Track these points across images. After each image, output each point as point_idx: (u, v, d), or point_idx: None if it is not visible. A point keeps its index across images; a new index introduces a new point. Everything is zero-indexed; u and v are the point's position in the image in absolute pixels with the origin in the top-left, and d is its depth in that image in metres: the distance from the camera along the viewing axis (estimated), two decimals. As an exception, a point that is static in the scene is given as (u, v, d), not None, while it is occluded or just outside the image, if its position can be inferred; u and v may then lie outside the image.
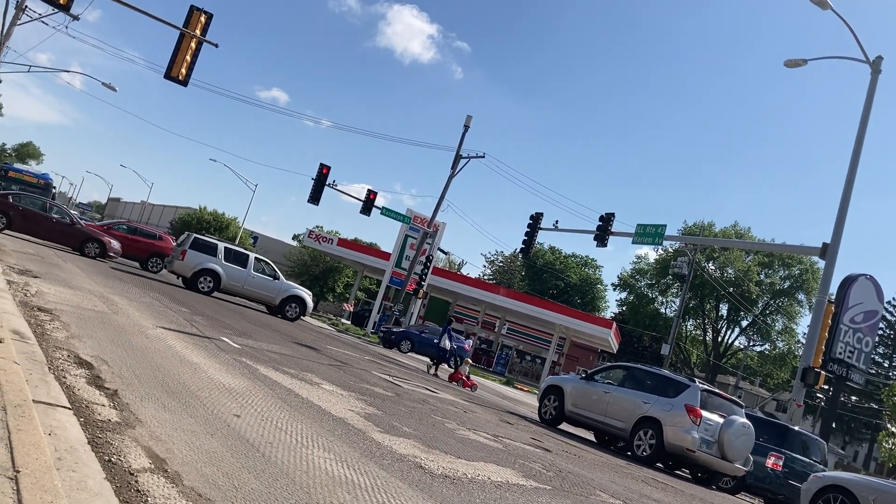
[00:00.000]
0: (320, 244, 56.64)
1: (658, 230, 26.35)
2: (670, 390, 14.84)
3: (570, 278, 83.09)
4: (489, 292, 55.12)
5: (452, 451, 7.85)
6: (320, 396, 9.05)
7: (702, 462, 14.07)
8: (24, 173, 40.47)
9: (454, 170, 41.09)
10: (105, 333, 8.86)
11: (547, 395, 17.32)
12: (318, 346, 18.14)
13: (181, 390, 6.83)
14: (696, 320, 73.88)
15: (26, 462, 3.11)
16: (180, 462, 4.54)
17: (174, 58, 20.35)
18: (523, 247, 31.27)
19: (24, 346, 6.00)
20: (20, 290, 10.45)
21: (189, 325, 13.04)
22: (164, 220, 74.53)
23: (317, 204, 36.00)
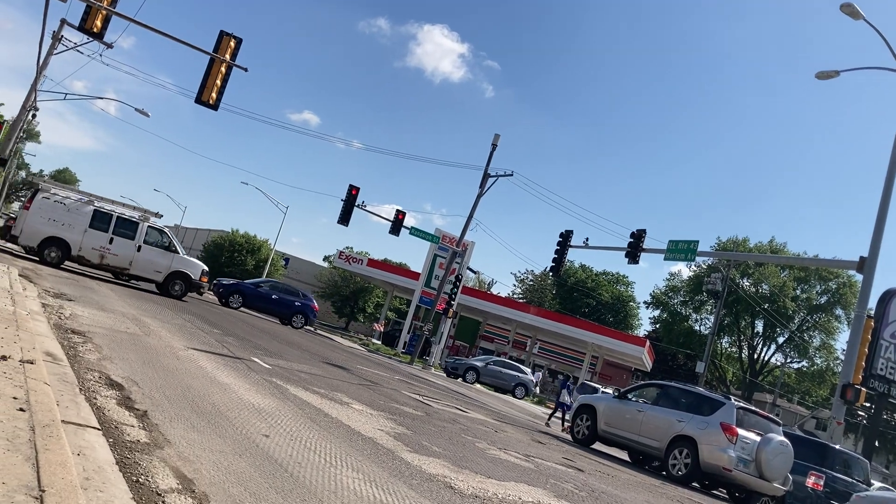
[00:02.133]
0: (350, 265, 56.94)
1: (690, 246, 26.02)
2: (705, 408, 14.58)
3: (602, 296, 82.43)
4: (519, 311, 54.89)
5: (483, 471, 7.76)
6: (350, 416, 9.02)
7: (739, 481, 13.77)
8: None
9: (482, 188, 41.07)
10: (136, 355, 8.93)
11: (579, 414, 17.11)
12: (349, 365, 18.14)
13: (211, 411, 6.84)
14: (731, 337, 72.72)
15: (52, 482, 3.11)
16: (208, 482, 4.52)
17: (205, 82, 20.65)
18: (553, 265, 31.05)
19: (56, 368, 6.06)
20: (54, 312, 10.59)
21: (220, 346, 13.11)
22: (196, 243, 75.46)
23: (346, 225, 36.19)
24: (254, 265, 62.19)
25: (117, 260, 22.21)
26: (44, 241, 21.15)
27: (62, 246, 21.39)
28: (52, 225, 21.14)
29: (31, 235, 21.08)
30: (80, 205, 21.77)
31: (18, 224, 21.38)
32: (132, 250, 22.28)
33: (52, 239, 21.17)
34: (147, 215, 23.14)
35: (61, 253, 21.41)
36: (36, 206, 21.16)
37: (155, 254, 22.79)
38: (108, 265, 22.34)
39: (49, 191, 21.83)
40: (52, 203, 21.32)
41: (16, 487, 2.92)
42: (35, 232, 21.01)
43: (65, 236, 21.33)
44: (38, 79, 33.12)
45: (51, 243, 21.22)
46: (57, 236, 21.23)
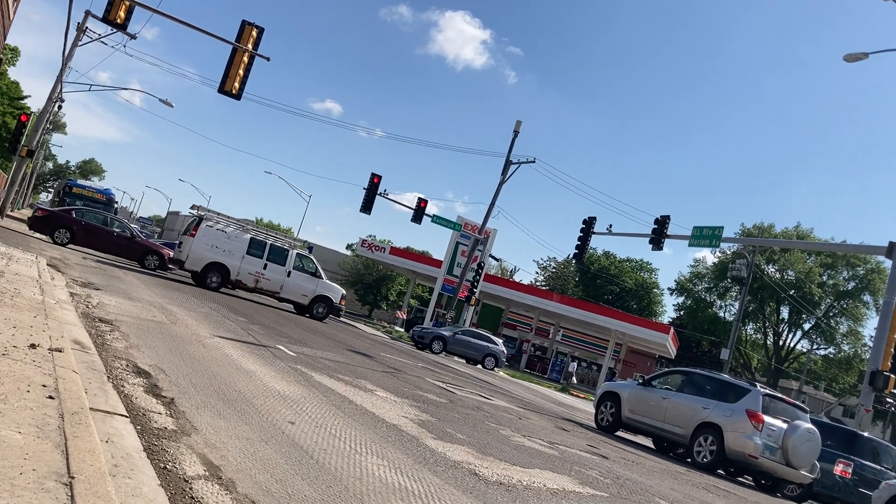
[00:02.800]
0: (373, 253, 57.12)
1: (715, 232, 25.78)
2: (730, 395, 14.47)
3: (626, 283, 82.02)
4: (542, 298, 54.77)
5: (507, 458, 7.76)
6: (374, 403, 9.05)
7: (765, 469, 13.67)
8: (87, 189, 41.75)
9: (504, 176, 40.97)
10: (163, 343, 9.01)
11: (603, 401, 17.05)
12: (372, 353, 18.21)
13: (237, 398, 6.89)
14: (757, 324, 72.13)
15: (81, 468, 3.14)
16: (234, 469, 4.55)
17: (227, 72, 20.73)
18: (576, 252, 30.92)
19: (84, 356, 6.13)
20: (82, 301, 10.72)
21: (246, 333, 13.21)
22: (221, 233, 76.05)
23: (368, 213, 36.26)
24: (277, 254, 62.50)
25: (270, 284, 24.04)
26: (207, 266, 23.02)
27: (222, 271, 23.19)
28: (215, 251, 22.95)
29: (197, 261, 22.84)
30: (238, 232, 23.68)
31: (184, 250, 22.99)
32: (283, 275, 24.19)
33: (214, 264, 23.05)
34: (295, 243, 25.28)
35: (221, 278, 23.14)
36: (201, 233, 22.85)
37: (303, 279, 24.74)
38: (261, 289, 24.13)
39: (212, 219, 23.52)
40: (214, 231, 23.10)
41: (46, 474, 2.96)
42: (200, 257, 22.81)
43: (225, 262, 23.14)
44: (63, 70, 33.43)
45: (213, 268, 23.05)
46: (219, 262, 23.05)
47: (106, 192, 42.24)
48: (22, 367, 4.74)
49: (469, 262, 41.96)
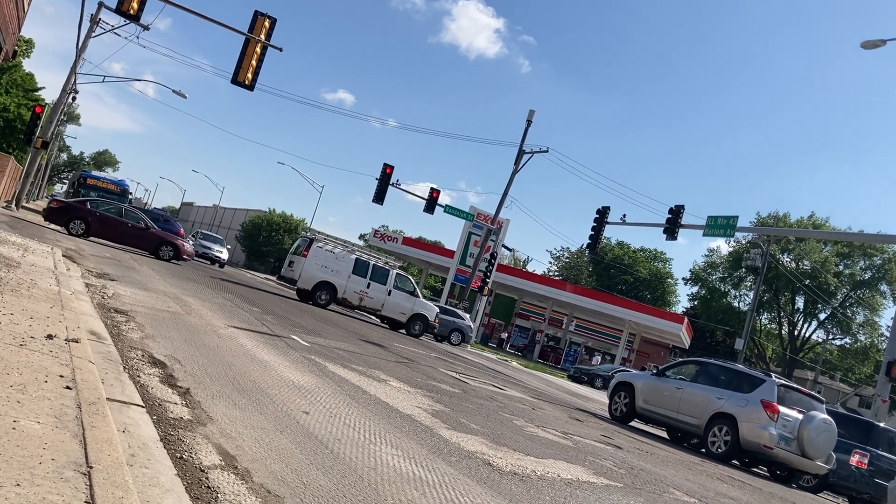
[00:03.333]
0: (385, 243, 57.20)
1: (730, 222, 25.64)
2: (745, 385, 14.42)
3: (640, 273, 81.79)
4: (556, 289, 54.73)
5: (521, 448, 7.76)
6: (388, 393, 9.07)
7: (780, 459, 13.62)
8: (102, 180, 41.98)
9: (517, 165, 40.88)
10: (178, 333, 9.06)
11: (617, 391, 17.03)
12: (386, 343, 18.25)
13: (251, 388, 6.93)
14: (771, 314, 71.78)
15: (99, 458, 3.17)
16: (250, 459, 4.58)
17: (240, 63, 20.76)
18: (590, 242, 30.83)
19: (100, 347, 6.17)
20: (98, 292, 10.79)
21: (260, 324, 13.27)
22: (235, 223, 76.27)
23: (381, 203, 36.29)
24: (290, 244, 62.74)
25: (372, 302, 25.41)
26: (316, 285, 24.37)
27: (331, 289, 24.54)
28: (324, 271, 24.39)
29: (308, 279, 24.26)
30: (345, 253, 25.03)
31: (296, 269, 24.41)
32: (384, 294, 25.57)
33: (323, 283, 24.42)
34: (395, 264, 26.40)
35: (330, 296, 24.42)
36: (312, 254, 24.30)
37: (402, 297, 26.01)
38: (364, 307, 25.53)
39: (322, 241, 24.88)
40: (324, 252, 24.52)
41: (65, 464, 2.98)
42: (311, 277, 24.24)
43: (333, 281, 24.52)
44: (77, 62, 33.59)
45: (322, 287, 24.44)
46: (328, 281, 24.46)
47: (120, 183, 42.45)
48: (39, 357, 4.77)
49: (482, 252, 41.94)
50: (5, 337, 5.04)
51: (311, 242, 24.69)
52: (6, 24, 14.58)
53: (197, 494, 3.70)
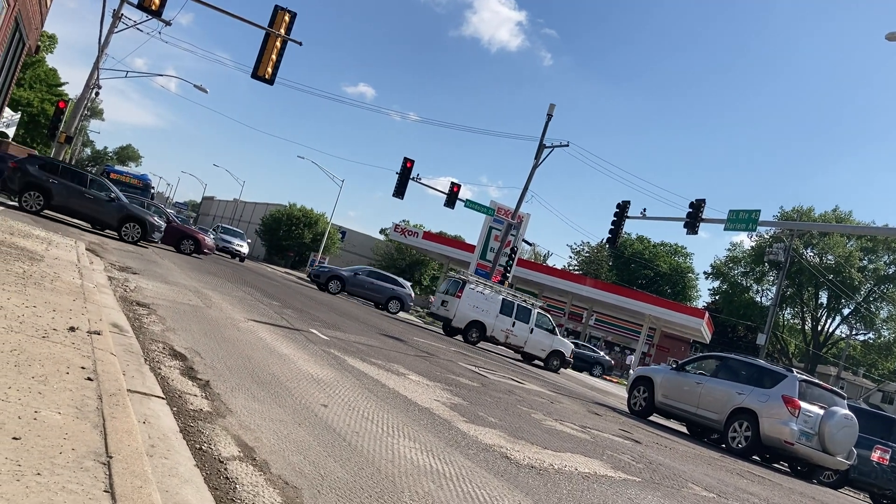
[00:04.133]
0: (406, 238, 57.24)
1: (752, 216, 25.37)
2: (766, 381, 14.31)
3: (660, 267, 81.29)
4: (576, 283, 54.47)
5: (539, 442, 7.76)
6: (406, 387, 9.09)
7: (801, 455, 13.51)
8: (125, 175, 42.31)
9: (537, 160, 40.68)
10: (199, 326, 9.14)
11: (636, 386, 16.97)
12: (405, 337, 18.29)
13: (271, 381, 6.97)
14: (794, 309, 71.06)
15: (119, 448, 3.21)
16: (268, 451, 4.61)
17: (260, 57, 20.84)
18: (610, 236, 30.64)
19: (122, 339, 6.23)
20: (120, 285, 10.90)
21: (279, 317, 13.34)
22: (255, 217, 76.68)
23: (401, 198, 36.23)
24: (311, 238, 62.98)
25: (517, 340, 26.77)
26: (469, 324, 26.00)
27: (481, 328, 26.18)
28: (475, 311, 26.08)
29: (462, 319, 25.95)
30: (493, 294, 26.72)
31: (451, 309, 26.11)
32: (527, 332, 26.87)
33: (475, 322, 26.06)
34: (535, 303, 27.88)
35: (479, 334, 25.97)
36: (465, 295, 25.98)
37: (542, 335, 27.35)
38: (509, 343, 26.83)
39: (473, 282, 26.68)
40: (475, 293, 26.21)
41: (85, 453, 3.02)
42: (464, 316, 25.91)
43: (483, 320, 26.14)
44: (100, 57, 33.86)
45: (473, 325, 26.11)
46: (478, 320, 26.13)
47: (143, 177, 42.78)
48: (61, 349, 4.83)
49: (502, 246, 41.83)
50: (28, 329, 5.11)
51: (465, 284, 26.46)
52: (28, 19, 14.74)
53: (216, 485, 3.74)
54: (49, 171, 21.38)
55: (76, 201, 21.59)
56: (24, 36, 15.15)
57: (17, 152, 37.91)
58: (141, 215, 22.82)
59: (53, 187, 20.92)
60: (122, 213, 22.28)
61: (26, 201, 20.63)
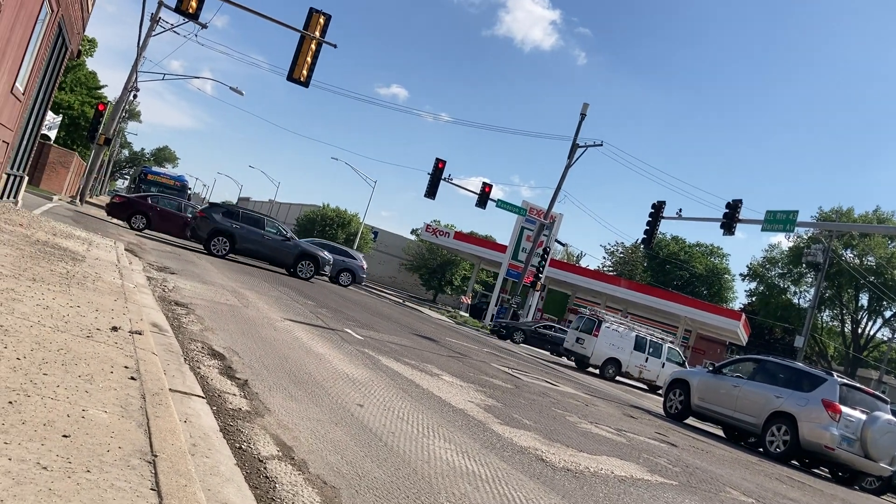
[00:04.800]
0: (437, 238, 57.28)
1: (789, 216, 25.00)
2: (805, 384, 14.08)
3: (696, 268, 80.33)
4: (609, 284, 54.11)
5: (574, 445, 7.73)
6: (440, 387, 9.12)
7: (842, 461, 13.27)
8: (162, 176, 43.03)
9: (571, 159, 40.55)
10: (236, 326, 9.25)
11: (672, 388, 16.80)
12: (438, 337, 18.33)
13: (307, 380, 7.04)
14: (833, 311, 69.71)
15: (163, 447, 3.27)
16: (306, 450, 4.66)
17: (295, 60, 21.00)
18: (645, 237, 30.40)
19: (162, 339, 6.34)
20: (159, 285, 11.07)
21: (315, 317, 13.45)
22: (290, 218, 77.37)
23: (433, 198, 36.33)
24: (344, 238, 63.36)
25: (650, 374, 27.51)
26: (606, 361, 26.80)
27: (616, 364, 27.02)
28: (611, 348, 26.93)
29: (599, 356, 26.82)
30: (626, 331, 27.53)
31: (588, 347, 26.94)
32: (659, 367, 27.46)
33: (611, 359, 26.88)
34: (666, 338, 28.75)
35: (615, 370, 27.16)
36: (602, 334, 26.73)
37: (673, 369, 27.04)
38: (642, 378, 27.61)
39: (609, 321, 27.60)
40: (611, 331, 26.97)
41: (131, 452, 3.08)
42: (602, 354, 26.81)
43: (619, 357, 27.00)
44: (138, 60, 34.44)
45: (610, 362, 26.99)
46: (614, 357, 26.97)
47: (179, 178, 43.45)
48: (105, 348, 4.93)
49: (534, 247, 41.73)
50: (73, 329, 5.22)
51: (600, 323, 27.14)
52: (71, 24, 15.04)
53: (256, 484, 3.79)
54: (231, 217, 23.53)
55: (257, 244, 23.59)
56: (66, 40, 15.46)
57: (59, 155, 38.72)
58: (314, 253, 24.57)
59: (237, 232, 23.03)
60: (297, 251, 24.10)
61: (214, 246, 22.65)
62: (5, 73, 10.65)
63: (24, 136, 15.41)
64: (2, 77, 10.47)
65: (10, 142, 13.36)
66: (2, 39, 9.55)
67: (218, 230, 22.62)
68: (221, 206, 25.90)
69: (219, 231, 22.64)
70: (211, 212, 23.37)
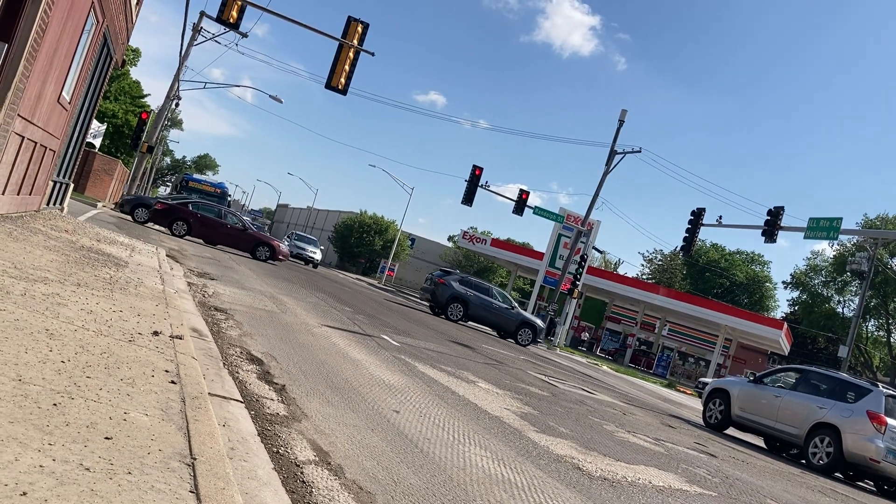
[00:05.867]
0: (474, 245, 57.26)
1: (833, 224, 24.53)
2: (849, 395, 13.78)
3: (736, 276, 79.18)
4: (648, 292, 53.50)
5: (611, 454, 7.66)
6: (476, 394, 9.10)
7: (887, 473, 12.95)
8: (203, 183, 43.68)
9: (608, 166, 40.29)
10: (274, 331, 9.35)
11: (712, 398, 16.56)
12: (474, 344, 18.30)
13: (343, 386, 7.08)
14: (879, 321, 68.11)
15: (202, 450, 3.31)
16: (342, 455, 4.68)
17: (334, 68, 21.23)
18: (684, 244, 30.10)
19: (201, 343, 6.43)
20: (199, 291, 11.24)
21: (352, 323, 13.53)
22: (328, 225, 78.01)
23: (470, 205, 36.39)
24: (381, 245, 63.71)
25: None
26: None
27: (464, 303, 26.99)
28: None
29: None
30: None
31: None
32: None
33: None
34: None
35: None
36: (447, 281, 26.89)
37: None
38: None
39: None
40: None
41: (171, 454, 3.13)
42: None
43: None
44: (180, 69, 35.07)
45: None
46: None
47: (220, 185, 44.06)
48: (147, 353, 5.02)
49: (571, 254, 41.50)
50: (116, 333, 5.32)
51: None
52: (116, 34, 15.37)
53: (292, 488, 3.82)
54: (465, 285, 26.53)
55: (486, 311, 26.30)
56: (111, 50, 15.81)
57: (103, 162, 39.55)
58: (533, 321, 27.08)
59: (470, 300, 26.00)
60: (519, 319, 26.60)
61: (451, 312, 25.78)
62: (52, 83, 10.92)
63: (69, 144, 15.77)
64: (49, 86, 10.73)
65: (57, 150, 13.68)
66: (49, 50, 9.79)
67: (455, 297, 25.80)
68: (458, 274, 28.08)
69: (456, 298, 25.80)
70: (450, 280, 26.28)
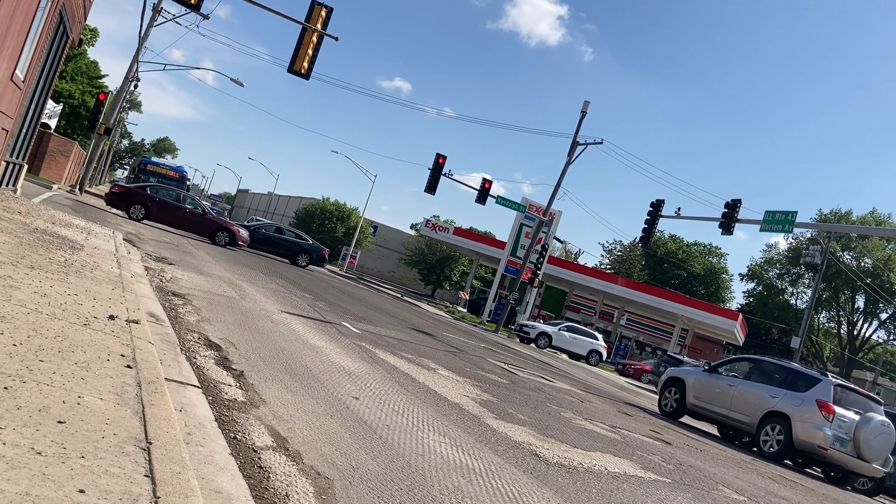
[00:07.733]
0: (437, 233, 57.25)
1: (788, 217, 25.01)
2: (800, 384, 14.12)
3: (693, 268, 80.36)
4: (607, 282, 54.06)
5: (568, 440, 7.75)
6: (436, 382, 9.14)
7: (835, 461, 13.32)
8: (161, 166, 43.02)
9: (570, 157, 40.50)
10: (233, 317, 9.27)
11: (667, 387, 16.84)
12: (435, 332, 18.35)
13: (303, 372, 7.06)
14: (830, 312, 69.84)
15: (158, 435, 3.28)
16: (301, 441, 4.68)
17: (297, 52, 20.97)
18: (643, 235, 30.43)
19: (158, 328, 6.35)
20: (156, 276, 11.08)
21: (312, 310, 13.47)
22: (289, 211, 77.34)
23: (433, 193, 36.30)
24: (343, 232, 63.34)
25: None
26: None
27: None
28: None
29: None
30: None
31: None
32: None
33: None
34: None
35: None
36: None
37: None
38: None
39: None
40: None
41: (126, 439, 3.10)
42: None
43: None
44: (139, 50, 34.40)
45: None
46: None
47: (179, 169, 43.44)
48: (102, 336, 4.95)
49: (533, 243, 41.71)
50: (70, 316, 5.23)
51: None
52: (73, 12, 15.01)
53: (249, 473, 3.81)
54: None
55: None
56: (67, 29, 15.43)
57: (59, 143, 38.66)
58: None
59: None
60: None
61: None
62: (5, 60, 10.64)
63: (23, 124, 15.39)
64: (2, 64, 10.46)
65: (10, 129, 13.35)
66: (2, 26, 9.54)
67: None
68: None
69: None
70: None
